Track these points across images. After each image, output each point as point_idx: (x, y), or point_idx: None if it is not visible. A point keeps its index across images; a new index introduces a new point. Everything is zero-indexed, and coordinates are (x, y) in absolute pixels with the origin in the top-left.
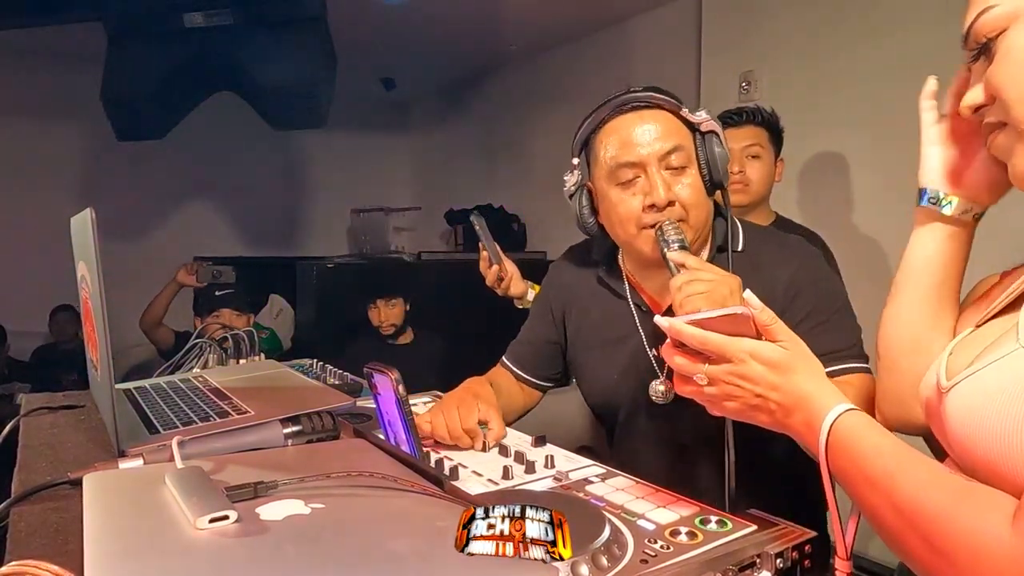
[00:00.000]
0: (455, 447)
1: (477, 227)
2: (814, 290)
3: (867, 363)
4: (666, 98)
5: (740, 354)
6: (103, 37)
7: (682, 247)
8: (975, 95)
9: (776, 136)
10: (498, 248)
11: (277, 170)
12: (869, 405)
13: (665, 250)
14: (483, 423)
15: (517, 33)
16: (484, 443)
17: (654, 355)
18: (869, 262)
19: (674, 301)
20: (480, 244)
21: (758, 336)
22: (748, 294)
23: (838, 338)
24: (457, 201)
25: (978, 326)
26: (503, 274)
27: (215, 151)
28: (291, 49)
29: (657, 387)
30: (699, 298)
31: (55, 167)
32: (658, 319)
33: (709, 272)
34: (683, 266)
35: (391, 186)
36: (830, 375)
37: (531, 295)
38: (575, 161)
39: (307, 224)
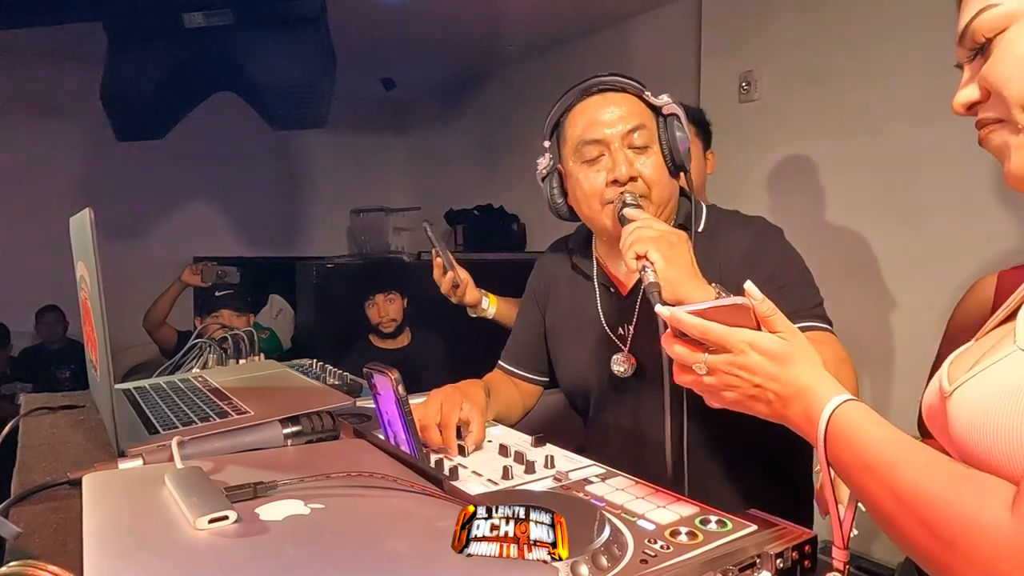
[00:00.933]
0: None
1: (429, 233)
2: (773, 255)
3: (831, 326)
4: (629, 82)
5: (740, 344)
6: (103, 37)
7: (637, 207)
8: (970, 93)
9: (703, 130)
10: (451, 256)
11: (277, 170)
12: (836, 363)
13: (621, 212)
14: (464, 423)
15: (517, 33)
16: (463, 447)
17: (619, 334)
18: (867, 261)
19: (623, 245)
20: (434, 251)
21: (758, 327)
22: (749, 285)
23: (799, 298)
24: (457, 201)
25: (977, 339)
26: (458, 281)
27: (215, 151)
28: (291, 49)
29: (618, 359)
30: (647, 240)
31: (55, 167)
32: (659, 308)
33: (661, 224)
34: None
35: (391, 186)
36: None
37: (485, 303)
38: (546, 144)
39: (307, 224)
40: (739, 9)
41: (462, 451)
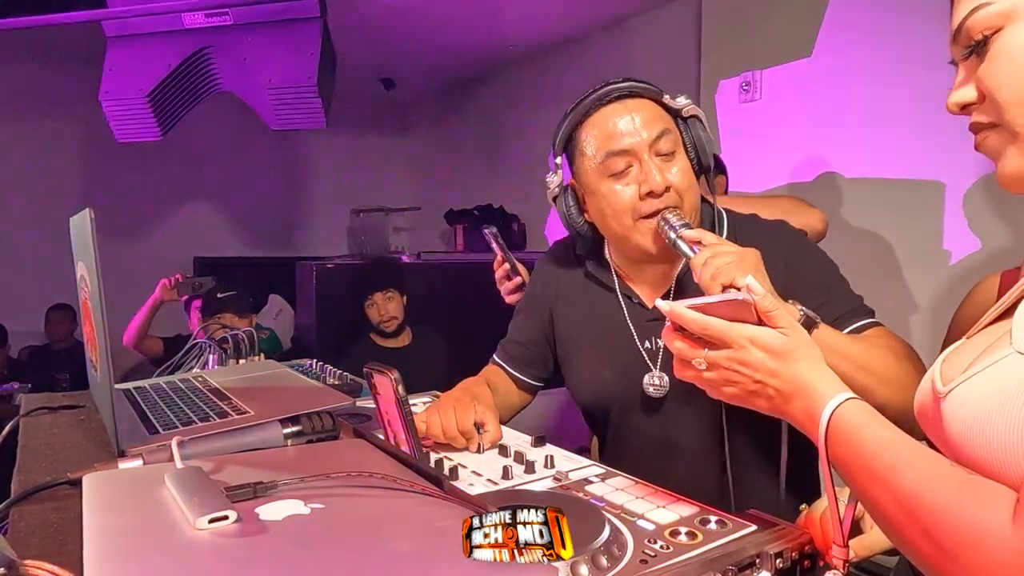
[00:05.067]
0: (450, 447)
1: (500, 240)
2: (811, 263)
3: (875, 317)
4: (646, 86)
5: (740, 340)
6: (103, 37)
7: (688, 227)
8: (966, 93)
9: None
10: (515, 260)
11: (277, 170)
12: (909, 355)
13: (674, 235)
14: (479, 425)
15: (517, 33)
16: (479, 445)
17: (646, 348)
18: (866, 261)
19: (701, 278)
20: (499, 256)
21: (759, 322)
22: (750, 280)
23: (847, 301)
24: (457, 201)
25: (969, 336)
26: (526, 283)
27: (215, 151)
28: (291, 49)
29: (652, 380)
30: (730, 267)
31: (55, 167)
32: (659, 302)
33: (729, 245)
34: (699, 243)
35: (391, 186)
36: (850, 333)
37: None
38: (557, 161)
39: (307, 224)
40: (739, 9)
41: (478, 449)
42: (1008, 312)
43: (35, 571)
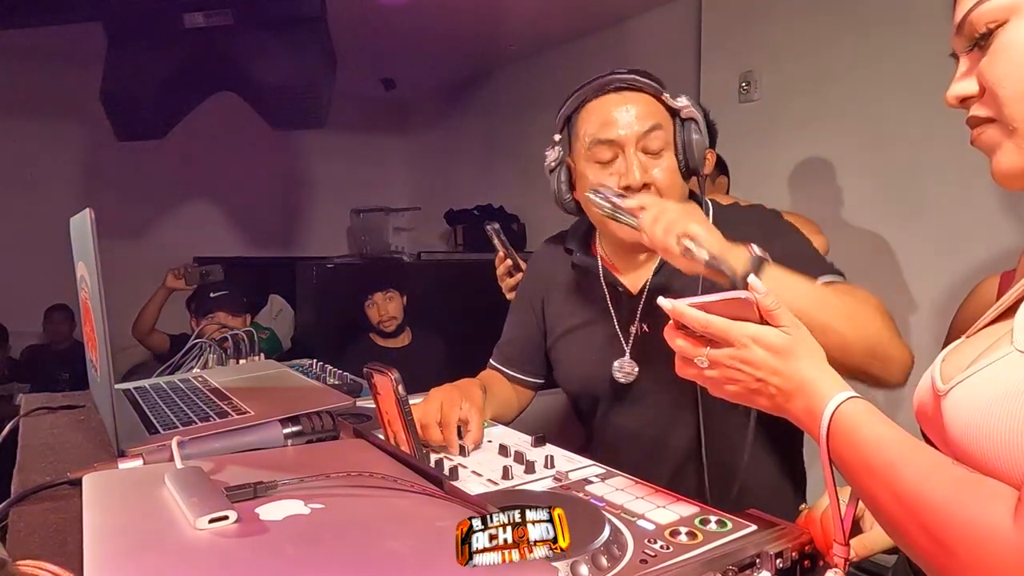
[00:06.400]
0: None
1: (501, 236)
2: (782, 237)
3: (845, 277)
4: (648, 82)
5: (743, 339)
6: (103, 37)
7: (624, 197)
8: (967, 86)
9: (707, 128)
10: (518, 257)
11: (277, 170)
12: (877, 306)
13: (609, 205)
14: (463, 422)
15: (517, 33)
16: (462, 447)
17: (625, 336)
18: (865, 261)
19: (653, 237)
20: (501, 252)
21: (761, 321)
22: (752, 279)
23: (816, 265)
24: (457, 201)
25: (969, 336)
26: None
27: (215, 151)
28: (291, 49)
29: (621, 366)
30: (680, 219)
31: (55, 167)
32: (661, 301)
33: (670, 202)
34: (641, 208)
35: (391, 186)
36: None
37: None
38: (556, 137)
39: (307, 224)
40: (739, 9)
41: (462, 451)
42: (1008, 312)
43: (34, 571)
